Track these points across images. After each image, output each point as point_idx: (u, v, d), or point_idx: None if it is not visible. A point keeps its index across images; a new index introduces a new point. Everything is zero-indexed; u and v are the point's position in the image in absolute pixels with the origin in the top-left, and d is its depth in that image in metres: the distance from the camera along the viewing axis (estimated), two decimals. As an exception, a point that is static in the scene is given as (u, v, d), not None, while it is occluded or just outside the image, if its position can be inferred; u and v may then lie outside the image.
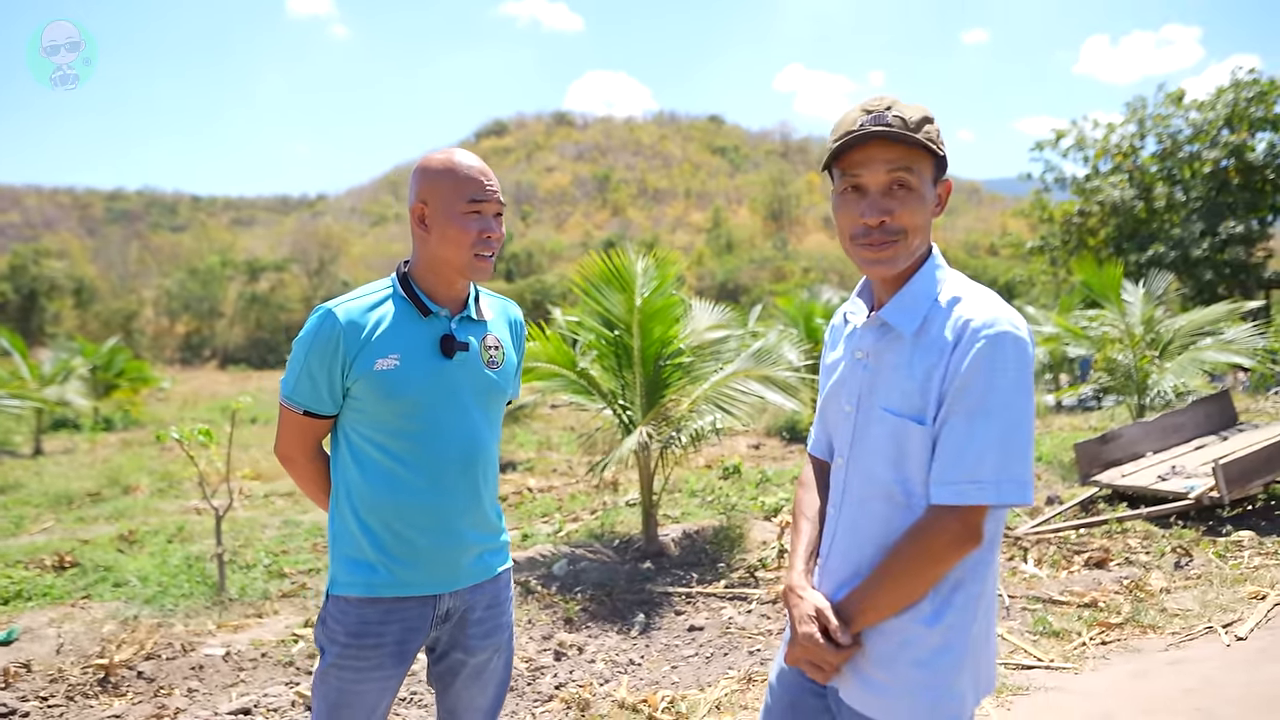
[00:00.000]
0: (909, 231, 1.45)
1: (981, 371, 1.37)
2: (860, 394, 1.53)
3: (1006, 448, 1.37)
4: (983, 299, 1.45)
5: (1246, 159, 26.11)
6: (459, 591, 1.92)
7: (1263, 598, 4.58)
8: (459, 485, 1.89)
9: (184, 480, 9.59)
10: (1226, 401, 8.04)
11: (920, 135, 1.42)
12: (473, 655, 1.96)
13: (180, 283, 53.41)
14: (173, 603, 4.88)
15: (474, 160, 1.88)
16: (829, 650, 1.48)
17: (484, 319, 1.97)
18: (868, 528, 1.51)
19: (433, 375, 1.85)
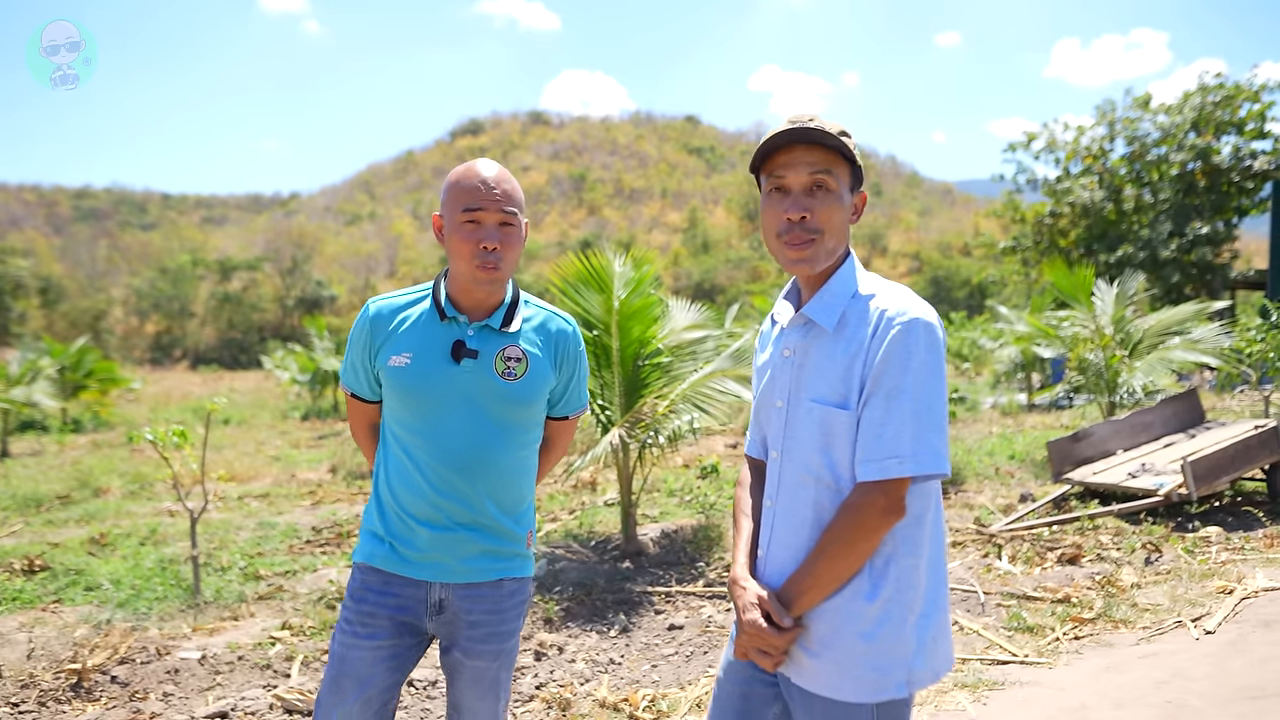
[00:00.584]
0: (826, 231, 1.57)
1: (896, 355, 1.48)
2: (790, 389, 1.63)
3: (921, 423, 1.48)
4: (896, 292, 1.57)
5: (1212, 162, 26.59)
6: (452, 586, 1.96)
7: (1230, 592, 4.67)
8: (458, 486, 1.93)
9: (156, 482, 9.46)
10: (1194, 400, 8.19)
11: (839, 142, 1.54)
12: (470, 658, 1.97)
13: (150, 282, 52.69)
14: (146, 606, 4.82)
15: (485, 170, 1.91)
16: (773, 635, 1.55)
17: (512, 330, 1.98)
18: (802, 513, 1.59)
19: (439, 378, 1.92)
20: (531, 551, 2.09)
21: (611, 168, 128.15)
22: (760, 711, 1.71)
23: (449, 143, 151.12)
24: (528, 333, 2.01)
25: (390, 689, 1.97)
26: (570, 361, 2.08)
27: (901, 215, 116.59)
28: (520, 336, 1.99)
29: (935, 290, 68.62)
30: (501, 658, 2.01)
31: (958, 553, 5.81)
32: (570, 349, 2.08)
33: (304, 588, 5.23)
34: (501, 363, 1.95)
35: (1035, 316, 12.57)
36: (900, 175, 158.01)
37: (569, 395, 2.12)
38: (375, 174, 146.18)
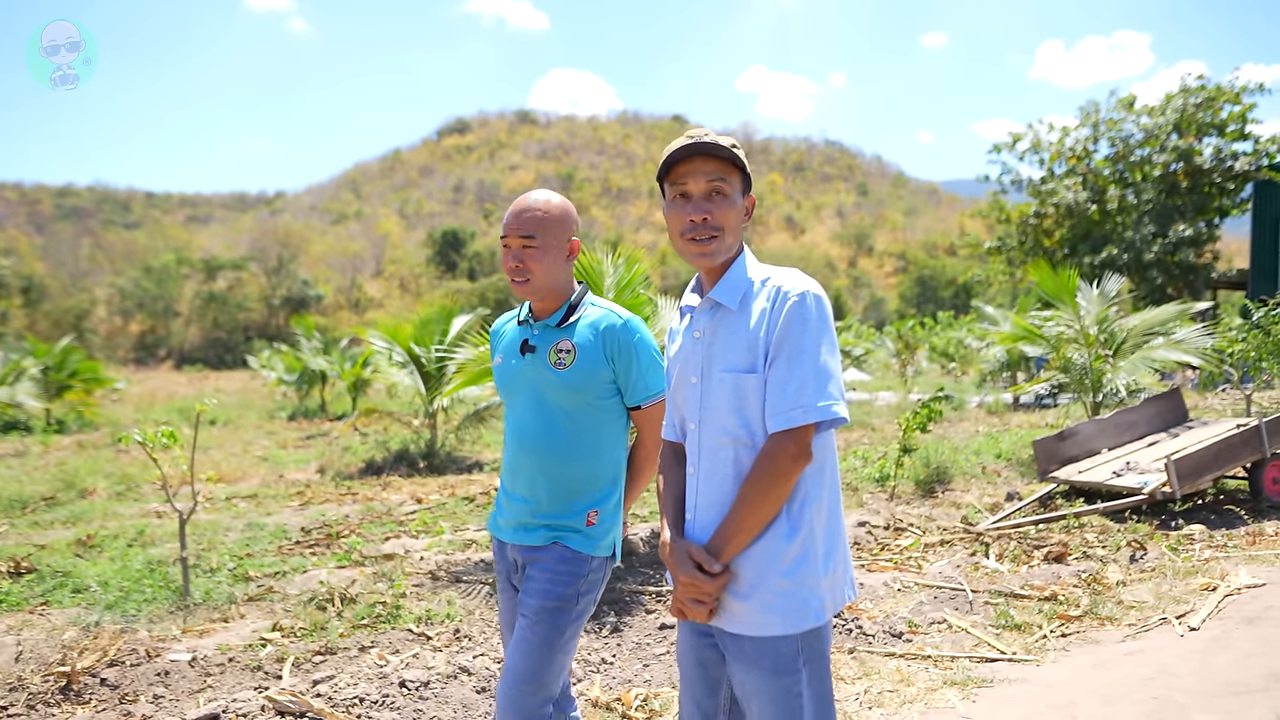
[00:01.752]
0: (724, 229, 1.81)
1: (794, 323, 1.72)
2: (703, 365, 1.83)
3: (820, 378, 1.70)
4: (787, 273, 1.81)
5: (1194, 163, 26.83)
6: (519, 547, 2.31)
7: (1213, 589, 4.73)
8: (523, 460, 2.30)
9: (143, 483, 9.41)
10: (1177, 399, 8.27)
11: (731, 154, 1.79)
12: (520, 612, 2.26)
13: (134, 281, 52.27)
14: (135, 608, 4.79)
15: (524, 201, 2.32)
16: (706, 581, 1.72)
17: (566, 326, 2.31)
18: (723, 471, 1.78)
19: (513, 370, 2.35)
20: (593, 532, 2.28)
21: (599, 167, 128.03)
22: (718, 673, 1.88)
23: (436, 142, 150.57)
24: (582, 328, 2.30)
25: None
26: (623, 351, 2.28)
27: (887, 215, 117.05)
28: (573, 332, 2.30)
29: (921, 290, 68.93)
30: (538, 616, 2.21)
31: (946, 551, 5.86)
32: (619, 339, 2.27)
33: (294, 589, 5.22)
34: (554, 354, 2.27)
35: (1021, 316, 12.67)
36: (886, 175, 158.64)
37: (633, 384, 2.30)
38: (362, 173, 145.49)
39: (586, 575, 2.26)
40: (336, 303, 67.52)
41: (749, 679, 1.75)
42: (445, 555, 5.97)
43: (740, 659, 1.76)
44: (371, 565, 5.72)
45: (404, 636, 4.37)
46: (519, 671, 2.19)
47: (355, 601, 4.87)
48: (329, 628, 4.46)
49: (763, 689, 1.73)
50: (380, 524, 7.14)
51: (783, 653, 1.73)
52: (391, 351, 10.89)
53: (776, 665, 1.72)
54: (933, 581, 5.12)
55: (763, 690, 1.73)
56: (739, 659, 1.76)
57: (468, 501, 8.03)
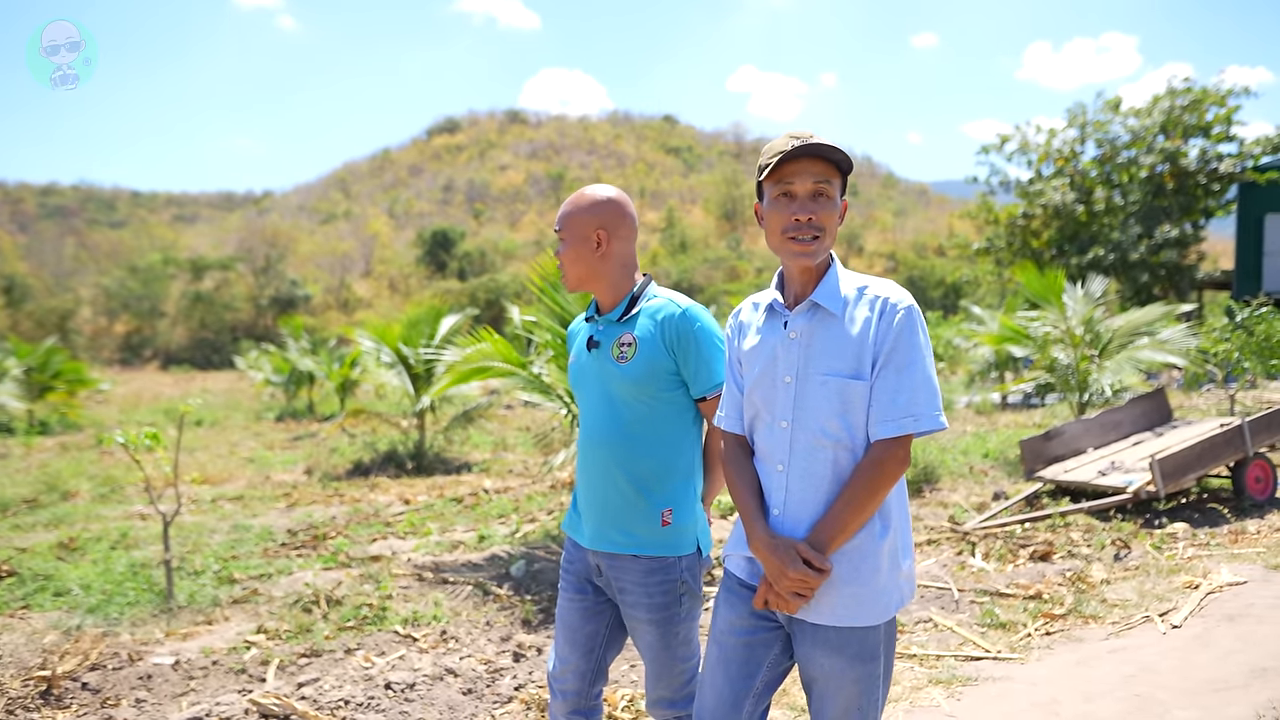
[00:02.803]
0: (826, 230, 1.85)
1: (905, 334, 1.80)
2: (798, 366, 1.86)
3: (928, 388, 1.80)
4: (885, 283, 1.88)
5: (1180, 165, 27.01)
6: (602, 554, 2.29)
7: (1196, 587, 4.76)
8: (595, 457, 2.29)
9: (127, 485, 9.34)
10: (1162, 399, 8.33)
11: (841, 155, 1.83)
12: (629, 620, 2.29)
13: (120, 281, 51.84)
14: (118, 611, 4.75)
15: (572, 199, 2.35)
16: (813, 576, 1.79)
17: (627, 319, 2.30)
18: (821, 472, 1.84)
19: (581, 367, 2.37)
20: (669, 532, 2.23)
21: (589, 167, 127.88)
22: (761, 657, 1.95)
23: (426, 141, 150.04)
24: (642, 321, 2.28)
25: (593, 635, 2.35)
26: (683, 341, 2.23)
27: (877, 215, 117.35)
28: (634, 324, 2.28)
29: (910, 289, 68.98)
30: (655, 625, 2.23)
31: (933, 550, 5.88)
32: (678, 329, 2.23)
33: (279, 591, 5.19)
34: (616, 348, 2.27)
35: (1008, 317, 12.72)
36: (876, 176, 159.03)
37: (697, 374, 2.24)
38: (351, 172, 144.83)
39: (679, 578, 2.24)
40: (325, 303, 67.19)
41: (831, 664, 1.84)
42: (433, 556, 5.95)
43: (822, 646, 1.84)
44: (358, 567, 5.70)
45: (390, 638, 4.36)
46: (654, 671, 2.28)
47: (341, 603, 4.85)
48: (314, 630, 4.44)
49: (845, 674, 1.83)
50: (367, 525, 7.11)
51: (869, 642, 1.84)
52: (379, 352, 10.84)
53: (862, 653, 1.83)
54: (919, 580, 5.13)
55: (845, 675, 1.83)
56: (820, 646, 1.84)
57: (456, 502, 8.01)
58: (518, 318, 6.61)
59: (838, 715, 1.87)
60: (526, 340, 6.88)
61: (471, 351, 6.46)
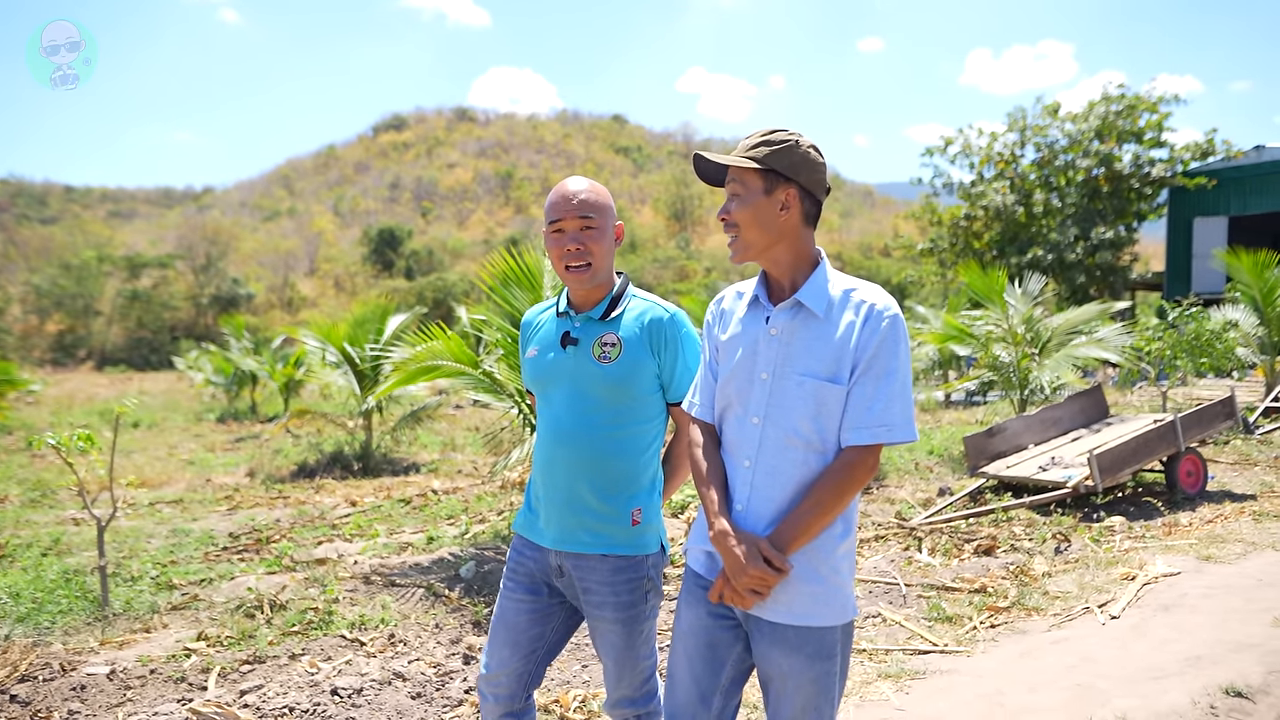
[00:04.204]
0: (741, 226, 1.87)
1: (886, 343, 1.79)
2: (776, 364, 1.85)
3: (905, 399, 1.80)
4: (872, 288, 1.86)
5: (1115, 169, 27.87)
6: (565, 554, 2.23)
7: (1133, 579, 4.91)
8: (562, 456, 2.22)
9: (60, 489, 9.01)
10: (1099, 396, 8.58)
11: (737, 160, 1.85)
12: (592, 620, 2.24)
13: (51, 279, 49.99)
14: (49, 620, 4.57)
15: (569, 185, 2.23)
16: (772, 575, 1.79)
17: (610, 320, 2.25)
18: (788, 472, 1.84)
19: (551, 363, 2.27)
20: (642, 529, 2.24)
21: (539, 166, 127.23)
22: (725, 654, 1.95)
23: (372, 138, 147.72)
24: (627, 321, 2.25)
25: (537, 639, 2.30)
26: (669, 345, 2.24)
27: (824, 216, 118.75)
28: (618, 325, 2.24)
29: (857, 290, 70.21)
30: (621, 624, 2.21)
31: (881, 546, 5.96)
32: (665, 333, 2.23)
33: (221, 596, 5.05)
34: (598, 348, 2.21)
35: (951, 316, 12.98)
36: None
37: (677, 379, 2.25)
38: (294, 169, 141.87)
39: (646, 575, 2.24)
40: (268, 301, 65.73)
41: (787, 663, 1.84)
42: (380, 559, 5.85)
43: (780, 645, 1.84)
44: (303, 570, 5.58)
45: (336, 643, 4.27)
46: (615, 671, 2.26)
47: (285, 608, 4.74)
48: (257, 636, 4.33)
49: (803, 673, 1.83)
50: (313, 528, 6.96)
51: (826, 641, 1.84)
52: (325, 351, 10.64)
53: (819, 652, 1.83)
54: (868, 576, 5.20)
55: (802, 674, 1.83)
56: (778, 645, 1.84)
57: (404, 504, 7.89)
58: (466, 318, 6.54)
59: (794, 714, 1.87)
60: (476, 339, 6.80)
61: (420, 350, 6.38)
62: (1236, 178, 27.66)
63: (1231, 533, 5.88)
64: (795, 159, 1.84)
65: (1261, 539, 5.69)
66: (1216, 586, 4.72)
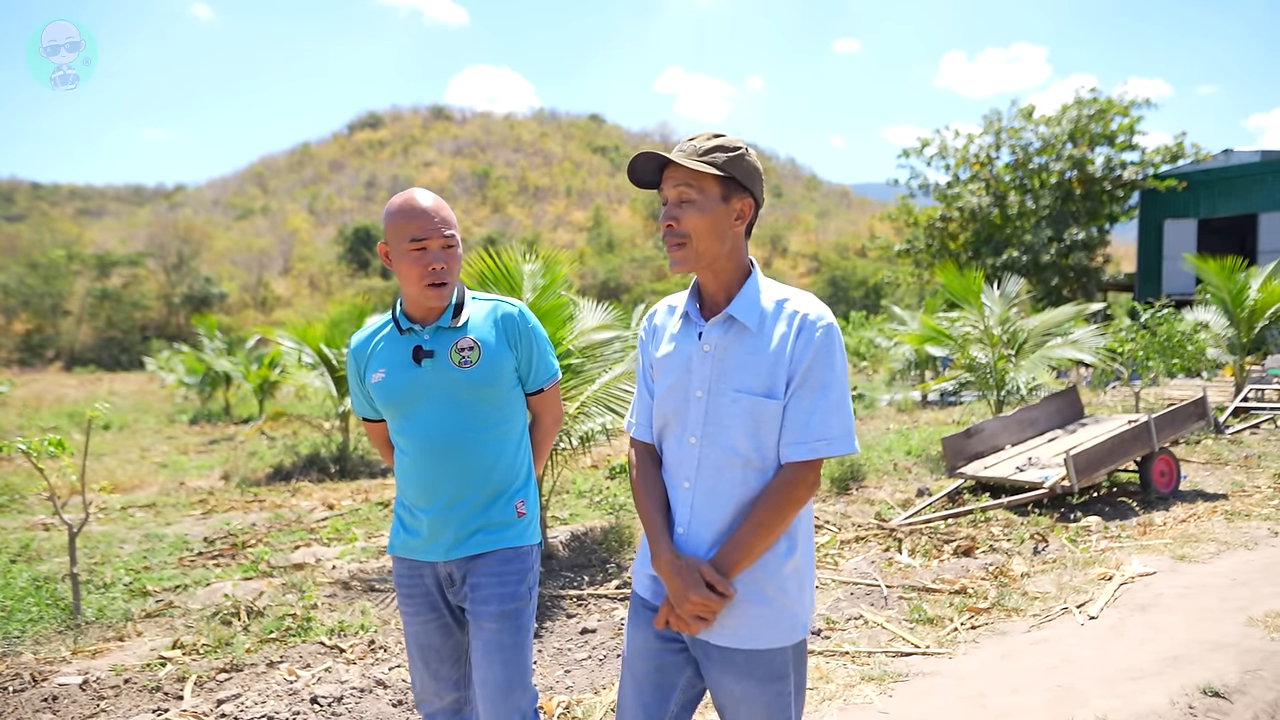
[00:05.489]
0: (691, 234, 1.76)
1: (821, 354, 1.72)
2: (710, 381, 1.78)
3: (841, 412, 1.73)
4: (805, 298, 1.79)
5: (1087, 171, 28.23)
6: (456, 561, 2.22)
7: (1110, 579, 4.96)
8: (443, 470, 2.20)
9: (28, 494, 8.84)
10: (1074, 397, 8.67)
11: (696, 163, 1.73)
12: (477, 621, 2.20)
13: (18, 277, 49.12)
14: (19, 629, 4.47)
15: (424, 201, 2.17)
16: (715, 600, 1.73)
17: (461, 325, 2.23)
18: (727, 492, 1.77)
19: (409, 381, 2.21)
20: (524, 521, 2.29)
21: (516, 165, 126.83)
22: (674, 679, 1.89)
23: (347, 136, 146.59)
24: (477, 323, 2.25)
25: (457, 648, 2.31)
26: (523, 337, 2.29)
27: (801, 217, 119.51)
28: (470, 328, 2.24)
29: (833, 290, 70.66)
30: (504, 620, 2.19)
31: (860, 547, 5.99)
32: (518, 326, 2.28)
33: (196, 603, 4.97)
34: (456, 354, 2.20)
35: (928, 317, 13.08)
36: (800, 178, 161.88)
37: (535, 369, 2.33)
38: (268, 166, 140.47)
39: (531, 566, 2.28)
40: (241, 301, 65.04)
41: (738, 688, 1.78)
42: (359, 563, 5.79)
43: (730, 670, 1.78)
44: (280, 576, 5.50)
45: (315, 650, 4.21)
46: (503, 680, 2.17)
47: (263, 614, 4.67)
48: (234, 643, 4.26)
49: (754, 697, 1.77)
50: (289, 532, 6.88)
51: (775, 662, 1.77)
52: (301, 352, 10.52)
53: (770, 674, 1.77)
54: (849, 578, 5.22)
55: (754, 698, 1.77)
56: (728, 669, 1.78)
57: (382, 507, 7.81)
58: None
59: None
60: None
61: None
62: (1206, 181, 28.14)
63: (1205, 532, 5.96)
64: (749, 168, 1.78)
65: (1234, 538, 5.77)
66: (1191, 586, 4.78)
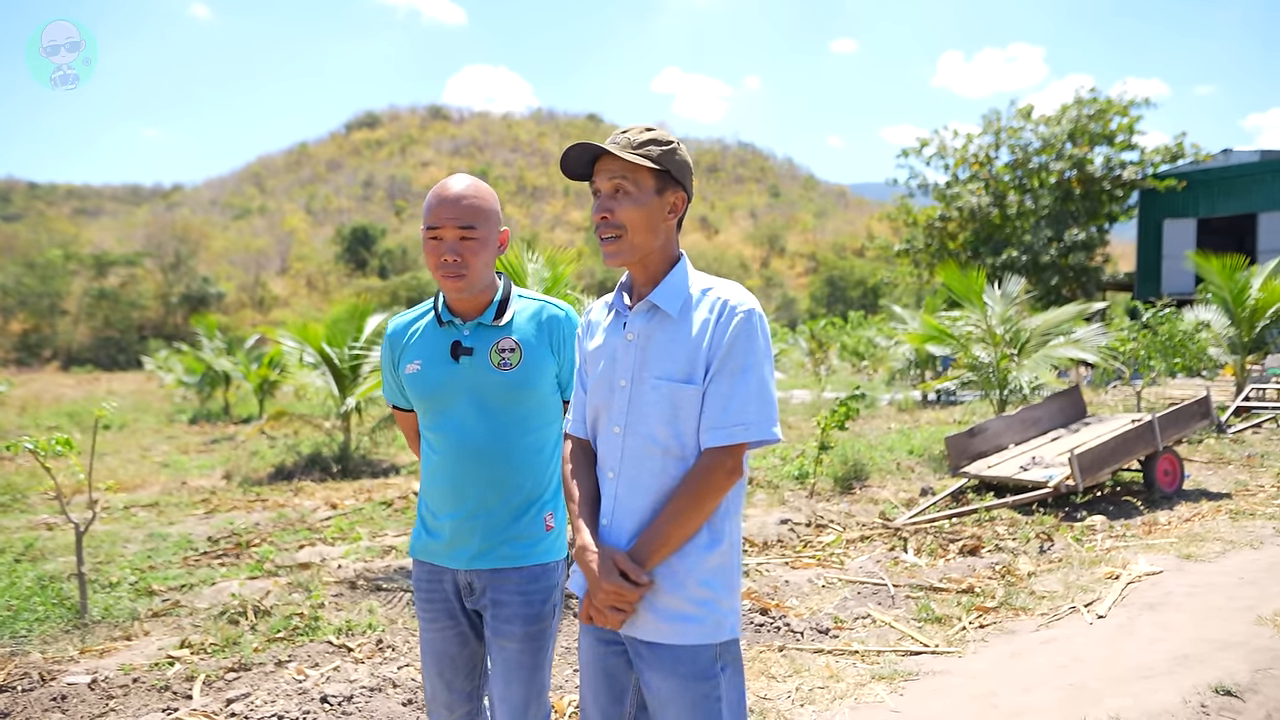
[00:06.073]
0: (627, 227, 1.75)
1: (740, 339, 1.70)
2: (633, 370, 1.77)
3: (762, 397, 1.70)
4: (729, 286, 1.78)
5: (1087, 171, 28.26)
6: (478, 571, 2.12)
7: (1116, 578, 4.96)
8: (473, 474, 2.10)
9: (29, 494, 8.82)
10: (1077, 396, 8.68)
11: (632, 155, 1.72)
12: (499, 638, 2.10)
13: (15, 277, 49.03)
14: (25, 628, 4.46)
15: (449, 188, 2.07)
16: (630, 590, 1.70)
17: (504, 324, 2.13)
18: (648, 482, 1.75)
19: (445, 377, 2.11)
20: (554, 535, 2.18)
21: (514, 164, 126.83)
22: (624, 682, 1.87)
23: (345, 135, 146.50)
24: (520, 324, 2.14)
25: (473, 657, 2.21)
26: (568, 343, 2.18)
27: (798, 217, 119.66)
28: (513, 328, 2.13)
29: (830, 290, 70.72)
30: (527, 641, 2.10)
31: (865, 546, 5.99)
32: (563, 330, 2.18)
33: (203, 602, 4.96)
34: (496, 355, 2.10)
35: (930, 316, 13.09)
36: (797, 178, 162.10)
37: (564, 375, 2.22)
38: (266, 166, 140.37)
39: (557, 583, 2.18)
40: (239, 301, 64.99)
41: (665, 686, 1.73)
42: (364, 563, 5.78)
43: (656, 667, 1.74)
44: (286, 575, 5.49)
45: (323, 649, 4.20)
46: (524, 698, 2.10)
47: (270, 614, 4.67)
48: (242, 642, 4.25)
49: (680, 696, 1.72)
50: (293, 531, 6.87)
51: (701, 660, 1.72)
52: (302, 352, 10.51)
53: (695, 672, 1.72)
54: (855, 577, 5.22)
55: (680, 697, 1.72)
56: (654, 667, 1.74)
57: (385, 506, 7.80)
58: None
59: None
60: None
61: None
62: (1205, 180, 28.18)
63: (1210, 531, 5.97)
64: (681, 162, 1.78)
65: (1239, 537, 5.78)
66: (1199, 585, 4.79)
